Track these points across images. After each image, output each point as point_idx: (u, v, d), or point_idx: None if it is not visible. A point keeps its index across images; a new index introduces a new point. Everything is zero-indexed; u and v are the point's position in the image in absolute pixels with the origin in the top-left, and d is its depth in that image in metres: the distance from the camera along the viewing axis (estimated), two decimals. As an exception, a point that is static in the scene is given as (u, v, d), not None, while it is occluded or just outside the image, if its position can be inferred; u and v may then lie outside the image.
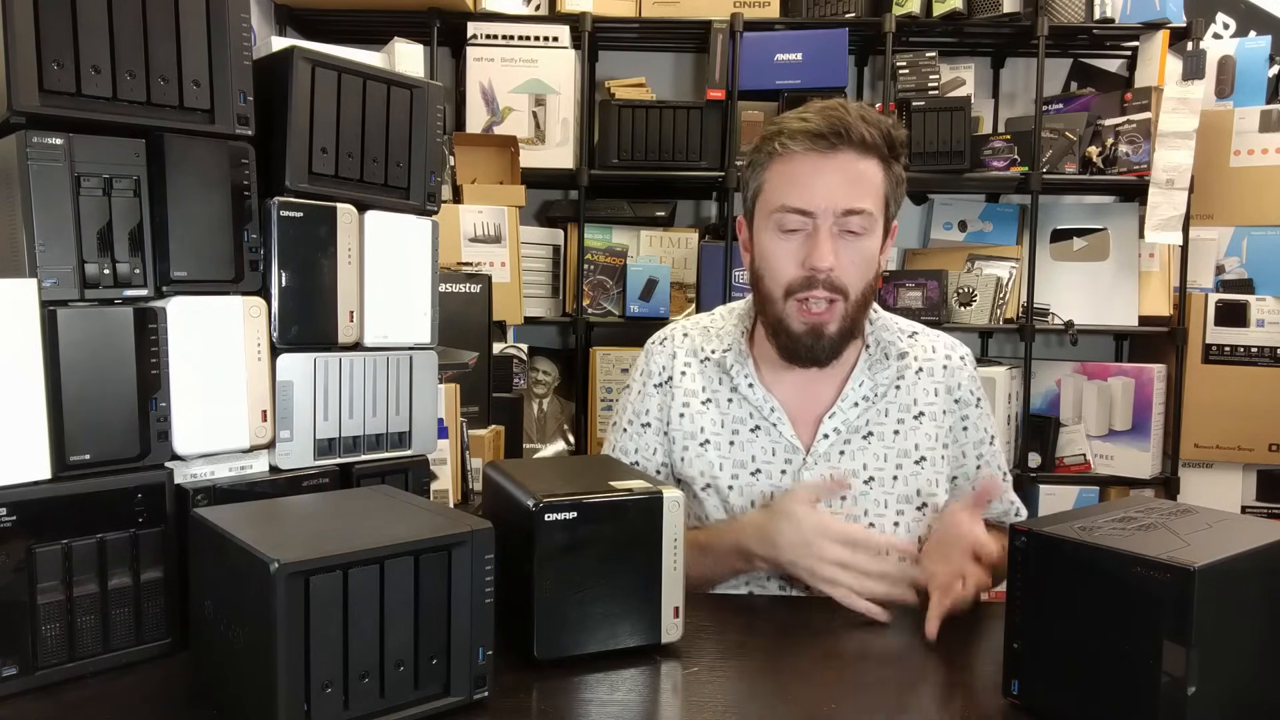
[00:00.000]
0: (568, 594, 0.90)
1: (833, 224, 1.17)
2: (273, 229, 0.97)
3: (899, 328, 1.33)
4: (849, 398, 1.26)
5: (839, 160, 1.17)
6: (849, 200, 1.16)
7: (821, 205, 1.17)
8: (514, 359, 2.32)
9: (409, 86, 1.08)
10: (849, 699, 0.89)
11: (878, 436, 1.27)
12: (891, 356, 1.28)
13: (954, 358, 1.32)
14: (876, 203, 1.19)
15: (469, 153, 2.57)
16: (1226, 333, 2.70)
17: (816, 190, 1.17)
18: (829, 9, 2.74)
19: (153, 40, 0.88)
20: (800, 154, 1.17)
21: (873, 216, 1.18)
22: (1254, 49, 2.83)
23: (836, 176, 1.17)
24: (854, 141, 1.16)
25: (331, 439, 1.03)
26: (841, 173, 1.17)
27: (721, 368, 1.31)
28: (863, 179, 1.18)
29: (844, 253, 1.18)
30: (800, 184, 1.18)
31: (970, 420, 1.31)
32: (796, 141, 1.17)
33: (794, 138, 1.17)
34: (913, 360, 1.29)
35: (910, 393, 1.28)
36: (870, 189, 1.18)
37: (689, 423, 1.31)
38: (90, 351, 0.86)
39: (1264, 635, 0.78)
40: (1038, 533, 0.81)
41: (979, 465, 1.31)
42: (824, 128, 1.16)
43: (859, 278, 1.20)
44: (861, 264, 1.20)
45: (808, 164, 1.17)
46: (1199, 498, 2.72)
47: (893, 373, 1.27)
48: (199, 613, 0.83)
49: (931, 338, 1.34)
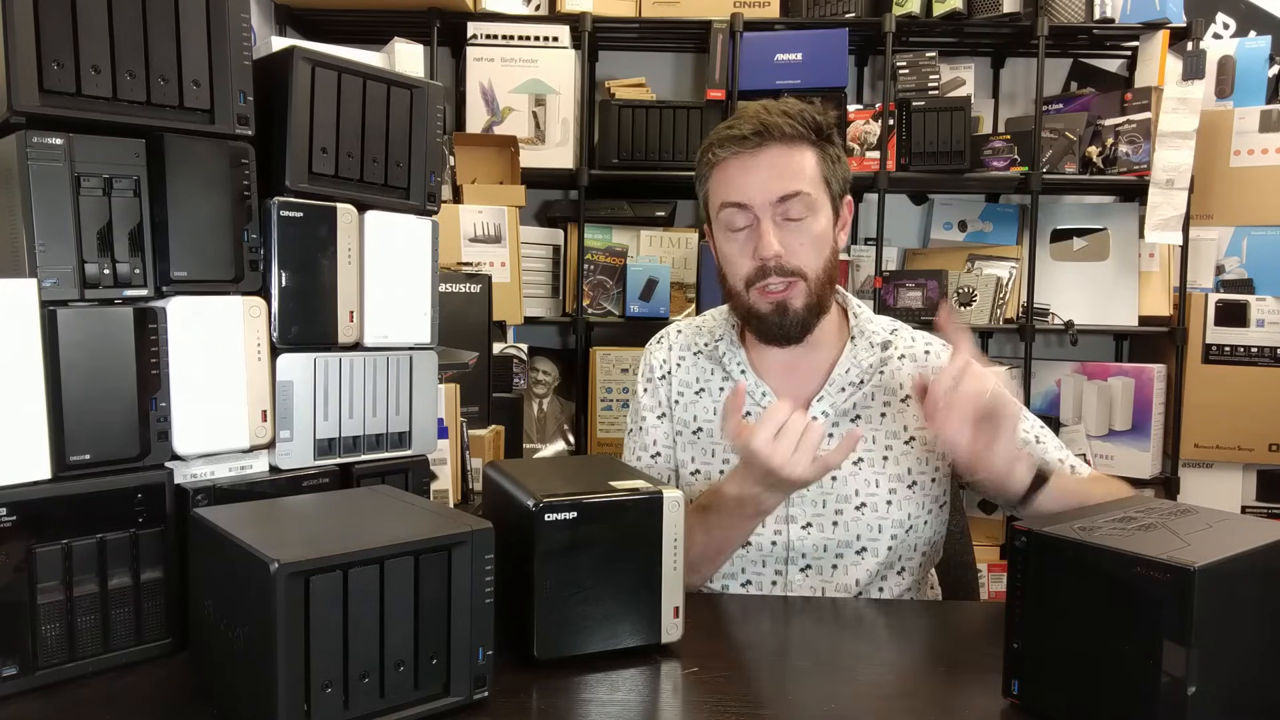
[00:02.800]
0: (568, 594, 0.90)
1: (772, 213, 1.23)
2: (273, 229, 0.97)
3: (880, 324, 1.38)
4: (836, 382, 1.31)
5: (767, 156, 1.23)
6: (782, 186, 1.22)
7: (757, 197, 1.23)
8: (514, 359, 2.32)
9: (409, 86, 1.08)
10: (849, 699, 0.89)
11: (865, 420, 1.31)
12: (875, 345, 1.33)
13: (935, 345, 1.37)
14: (813, 184, 1.24)
15: (469, 153, 2.57)
16: (1226, 333, 2.70)
17: (750, 184, 1.23)
18: (829, 9, 2.74)
19: (153, 40, 0.88)
20: (731, 158, 1.25)
21: (810, 197, 1.23)
22: (1254, 49, 2.83)
23: (766, 170, 1.23)
24: (777, 136, 1.23)
25: (331, 439, 1.03)
26: (771, 166, 1.23)
27: (714, 358, 1.37)
28: (791, 165, 1.23)
29: (790, 238, 1.24)
30: (735, 183, 1.25)
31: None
32: (725, 148, 1.25)
33: (723, 145, 1.26)
34: (894, 350, 1.34)
35: (895, 377, 1.32)
36: (802, 172, 1.24)
37: (683, 411, 1.37)
38: (90, 351, 0.86)
39: (1264, 635, 0.78)
40: (1038, 533, 0.81)
41: None
42: (747, 130, 1.23)
43: (812, 257, 1.25)
44: (811, 244, 1.25)
45: (738, 164, 1.25)
46: (1199, 498, 2.72)
47: (876, 359, 1.32)
48: (199, 613, 0.83)
49: (910, 332, 1.39)
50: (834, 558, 1.27)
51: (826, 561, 1.27)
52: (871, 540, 1.27)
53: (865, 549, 1.27)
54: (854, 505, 1.27)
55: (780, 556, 1.28)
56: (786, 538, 1.27)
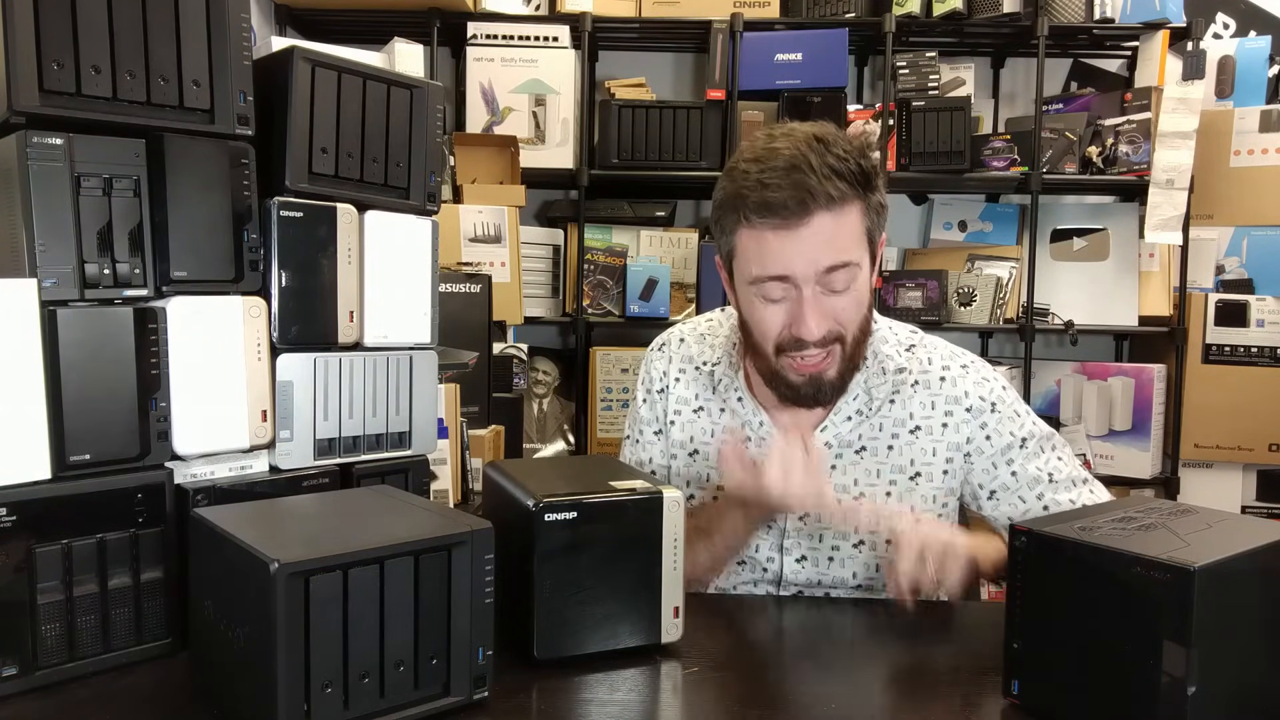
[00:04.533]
0: (568, 594, 0.90)
1: (815, 285, 1.10)
2: (273, 229, 0.97)
3: (897, 339, 1.27)
4: (842, 411, 1.22)
5: (812, 226, 1.08)
6: (830, 258, 1.09)
7: (801, 271, 1.09)
8: (514, 359, 2.32)
9: (409, 86, 1.08)
10: (849, 699, 0.89)
11: (870, 452, 1.23)
12: (889, 371, 1.23)
13: (953, 368, 1.25)
14: (860, 247, 1.12)
15: (469, 153, 2.57)
16: (1226, 333, 2.70)
17: (794, 259, 1.09)
18: (829, 9, 2.74)
19: (153, 40, 0.88)
20: (768, 231, 1.09)
21: (858, 265, 1.11)
22: (1254, 49, 2.83)
23: (811, 241, 1.08)
24: (824, 204, 1.07)
25: (331, 439, 1.03)
26: (816, 236, 1.08)
27: (713, 379, 1.30)
28: (840, 233, 1.09)
29: (833, 306, 1.12)
30: (773, 254, 1.10)
31: (991, 428, 1.22)
32: (763, 217, 1.08)
33: (760, 212, 1.08)
34: (909, 375, 1.24)
35: (906, 406, 1.23)
36: (850, 239, 1.10)
37: (679, 431, 1.31)
38: (90, 351, 0.86)
39: (1264, 635, 0.78)
40: (1038, 533, 0.81)
41: (1014, 472, 1.22)
42: (789, 199, 1.06)
43: (852, 320, 1.15)
44: (853, 308, 1.14)
45: (777, 239, 1.09)
46: (1199, 498, 2.71)
47: (888, 387, 1.23)
48: (199, 613, 0.83)
49: (929, 349, 1.27)
50: (826, 590, 1.24)
51: (819, 594, 1.24)
52: (868, 579, 1.23)
53: (861, 585, 1.23)
54: (851, 543, 1.23)
55: (773, 580, 1.25)
56: (779, 568, 1.24)
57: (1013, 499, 1.23)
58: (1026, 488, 1.22)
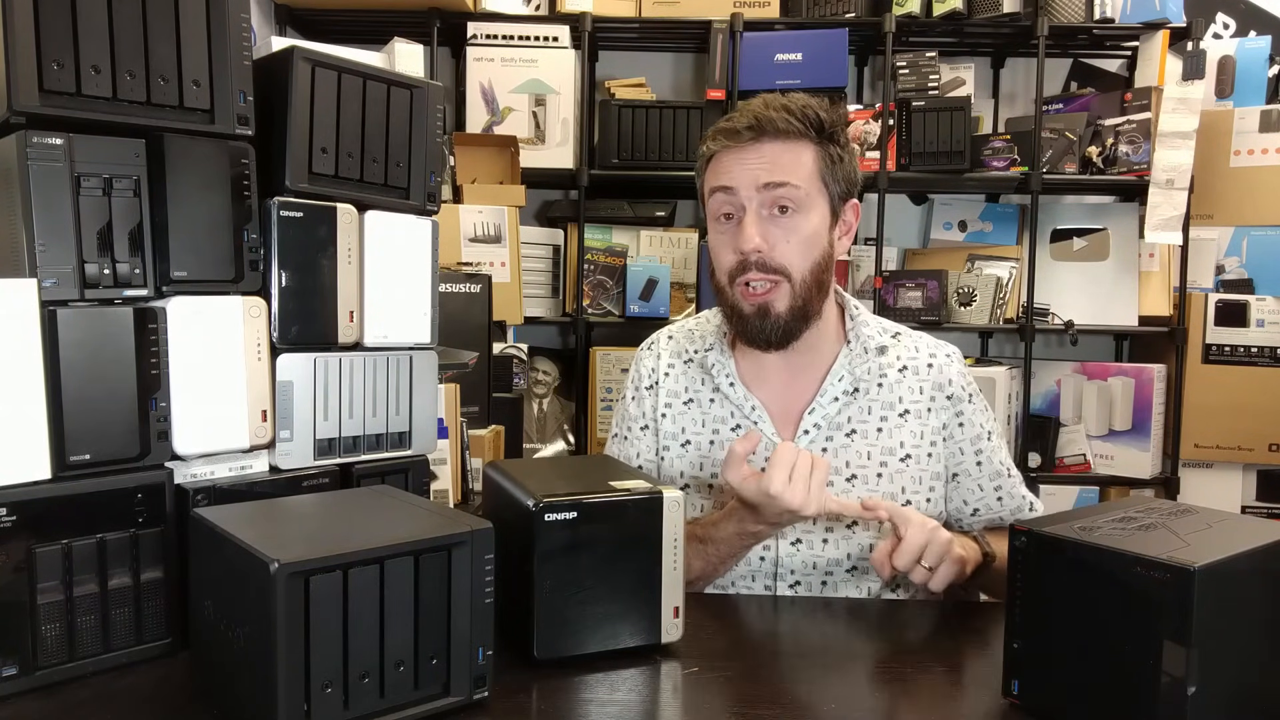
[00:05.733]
0: (568, 594, 0.90)
1: (759, 203, 1.20)
2: (273, 229, 0.97)
3: (880, 326, 1.34)
4: (828, 392, 1.27)
5: (762, 149, 1.20)
6: (770, 175, 1.19)
7: (743, 182, 1.20)
8: (514, 359, 2.32)
9: (409, 86, 1.08)
10: (849, 699, 0.89)
11: (860, 434, 1.27)
12: (870, 351, 1.28)
13: (939, 355, 1.31)
14: (807, 180, 1.20)
15: (469, 153, 2.57)
16: (1226, 333, 2.70)
17: (739, 173, 1.21)
18: (829, 9, 2.74)
19: (153, 40, 0.88)
20: (724, 151, 1.23)
21: (800, 191, 1.19)
22: (1254, 49, 2.83)
23: (756, 160, 1.20)
24: (773, 132, 1.20)
25: (331, 439, 1.03)
26: (761, 158, 1.20)
27: (703, 368, 1.33)
28: (784, 159, 1.20)
29: (775, 232, 1.20)
30: (723, 171, 1.22)
31: (965, 416, 1.30)
32: (718, 140, 1.23)
33: (716, 138, 1.24)
34: (895, 359, 1.29)
35: (894, 390, 1.28)
36: (796, 168, 1.20)
37: (670, 423, 1.33)
38: (90, 351, 0.86)
39: (1264, 635, 0.78)
40: (1038, 533, 0.81)
41: (979, 462, 1.30)
42: (742, 124, 1.21)
43: (798, 257, 1.20)
44: (799, 243, 1.20)
45: (732, 156, 1.22)
46: (1199, 498, 2.72)
47: (874, 367, 1.28)
48: (199, 613, 0.83)
49: (915, 339, 1.34)
50: (824, 574, 1.25)
51: (815, 579, 1.25)
52: (862, 560, 1.24)
53: (856, 568, 1.25)
54: (845, 524, 1.24)
55: (769, 572, 1.25)
56: (775, 553, 1.25)
57: (972, 485, 1.31)
58: (988, 479, 1.31)
